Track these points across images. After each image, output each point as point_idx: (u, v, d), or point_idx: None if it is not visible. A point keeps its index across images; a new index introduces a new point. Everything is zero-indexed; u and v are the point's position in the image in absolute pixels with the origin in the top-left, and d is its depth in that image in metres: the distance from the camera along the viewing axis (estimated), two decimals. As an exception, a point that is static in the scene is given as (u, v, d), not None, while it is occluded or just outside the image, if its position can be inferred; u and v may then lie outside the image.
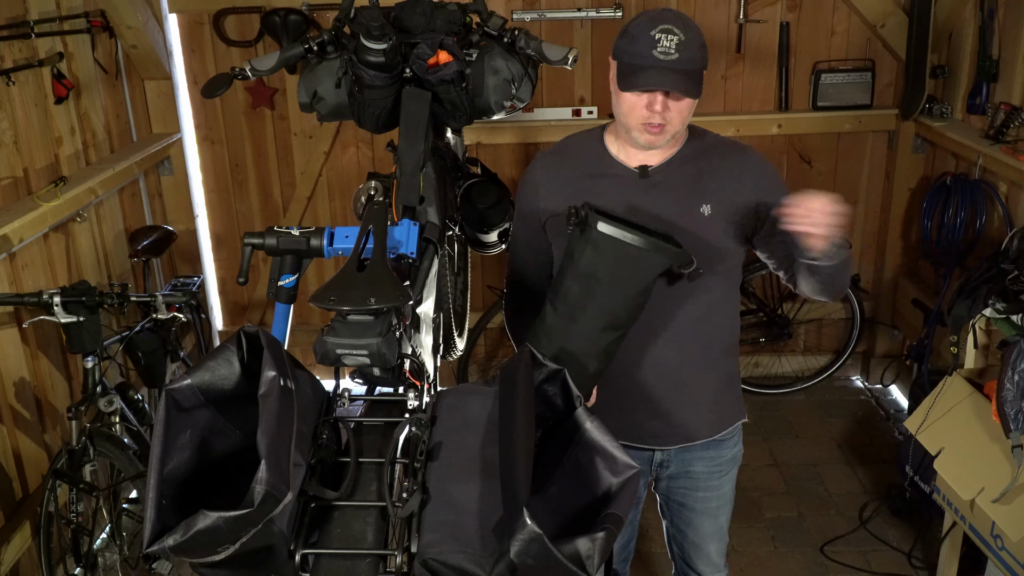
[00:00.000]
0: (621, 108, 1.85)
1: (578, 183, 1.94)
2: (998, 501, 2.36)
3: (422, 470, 1.39)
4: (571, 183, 1.95)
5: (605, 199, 1.90)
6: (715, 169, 1.91)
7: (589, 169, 1.95)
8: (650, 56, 1.75)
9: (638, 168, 1.91)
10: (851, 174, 4.09)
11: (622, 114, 1.85)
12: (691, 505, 2.12)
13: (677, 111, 1.81)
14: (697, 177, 1.90)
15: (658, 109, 1.78)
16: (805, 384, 4.26)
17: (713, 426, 2.04)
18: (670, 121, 1.81)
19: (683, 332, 1.94)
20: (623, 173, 1.92)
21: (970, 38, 3.48)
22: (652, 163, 1.91)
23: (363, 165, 4.05)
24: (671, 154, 1.92)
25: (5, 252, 2.70)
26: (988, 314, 2.55)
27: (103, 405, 2.71)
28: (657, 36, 1.75)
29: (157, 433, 1.23)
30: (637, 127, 1.83)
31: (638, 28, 1.78)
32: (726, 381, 2.06)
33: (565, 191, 1.95)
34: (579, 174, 1.96)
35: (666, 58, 1.74)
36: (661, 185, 1.90)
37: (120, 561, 2.72)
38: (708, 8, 3.84)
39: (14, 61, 2.87)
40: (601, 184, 1.93)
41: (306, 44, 2.14)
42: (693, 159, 1.92)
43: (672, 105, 1.79)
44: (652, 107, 1.79)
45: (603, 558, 1.20)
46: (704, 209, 1.88)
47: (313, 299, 1.50)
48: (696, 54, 1.78)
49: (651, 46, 1.75)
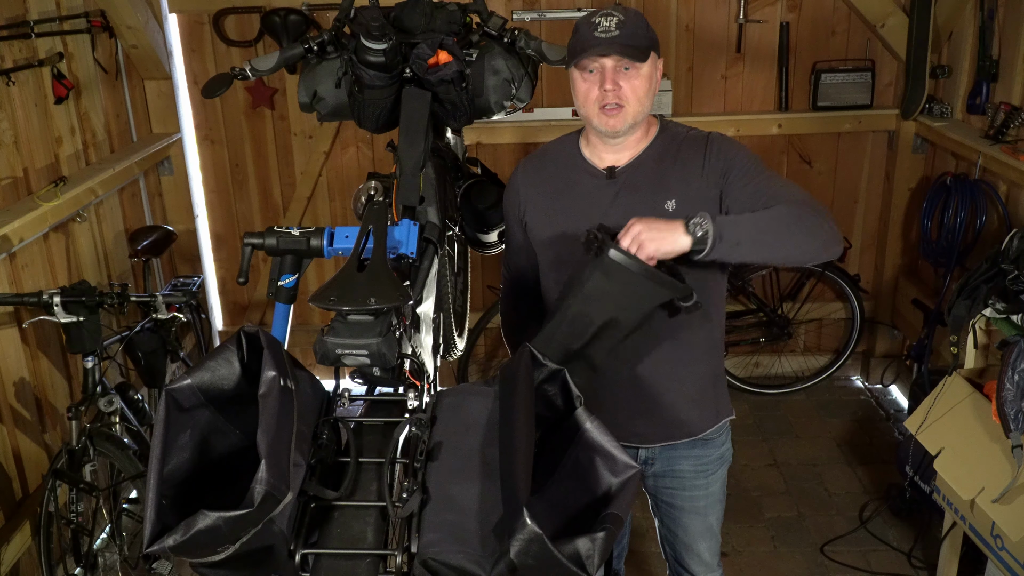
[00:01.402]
0: (578, 99, 1.89)
1: (555, 187, 1.98)
2: (998, 501, 2.36)
3: (422, 470, 1.39)
4: (549, 187, 1.99)
5: (577, 201, 1.94)
6: (678, 163, 1.91)
7: (564, 172, 1.99)
8: (591, 37, 1.81)
9: (606, 169, 1.94)
10: (851, 174, 4.09)
11: (580, 106, 1.89)
12: (679, 505, 2.12)
13: (631, 89, 1.83)
14: (662, 173, 1.91)
15: (608, 87, 1.81)
16: (805, 384, 4.26)
17: (696, 424, 2.03)
18: (626, 100, 1.83)
19: (663, 330, 1.90)
20: (594, 174, 1.95)
21: (970, 38, 3.48)
22: (621, 163, 1.93)
23: (363, 165, 4.05)
24: (639, 152, 1.93)
25: (5, 252, 2.70)
26: (988, 314, 2.55)
27: (103, 405, 2.71)
28: (596, 20, 1.82)
29: (157, 433, 1.23)
30: (595, 114, 1.86)
31: (581, 21, 1.86)
32: (710, 379, 2.04)
33: (544, 196, 1.99)
34: (555, 178, 1.99)
35: (606, 35, 1.80)
36: (628, 185, 1.92)
37: (120, 561, 2.73)
38: (708, 8, 3.85)
39: (14, 61, 2.87)
40: (574, 187, 1.96)
41: (306, 44, 2.14)
42: (659, 156, 1.93)
43: (624, 83, 1.82)
44: (603, 85, 1.82)
45: (603, 558, 1.20)
46: (668, 205, 1.88)
47: (313, 299, 1.50)
48: (638, 31, 1.82)
49: (592, 29, 1.82)
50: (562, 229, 1.96)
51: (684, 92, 3.96)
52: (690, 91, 3.97)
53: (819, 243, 1.74)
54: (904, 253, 4.09)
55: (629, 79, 1.83)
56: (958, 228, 3.42)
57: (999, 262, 2.49)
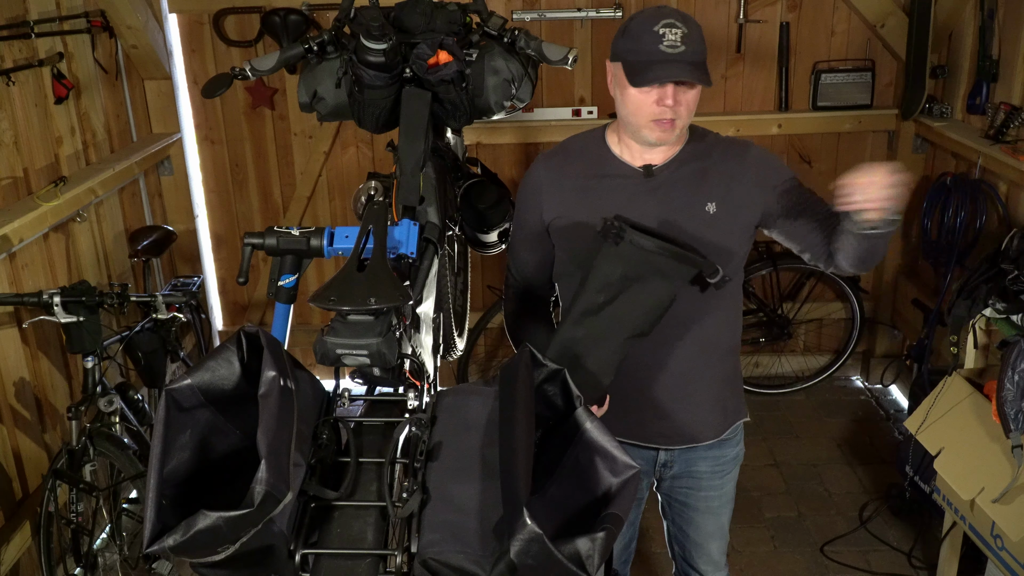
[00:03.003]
0: (627, 107, 1.84)
1: (582, 184, 1.94)
2: (998, 501, 2.36)
3: (422, 470, 1.39)
4: (574, 184, 1.95)
5: (610, 199, 1.90)
6: (718, 166, 1.91)
7: (592, 170, 1.95)
8: (657, 51, 1.75)
9: (642, 167, 1.91)
10: (851, 174, 4.09)
11: (629, 113, 1.85)
12: (694, 504, 2.12)
13: (686, 104, 1.81)
14: (701, 175, 1.90)
15: (669, 103, 1.78)
16: (805, 384, 4.26)
17: (718, 427, 2.05)
18: (680, 115, 1.82)
19: (688, 332, 1.94)
20: (628, 173, 1.92)
21: (970, 38, 3.48)
22: (656, 162, 1.91)
23: (363, 165, 4.05)
24: (674, 153, 1.92)
25: (5, 252, 2.70)
26: (988, 314, 2.55)
27: (103, 405, 2.71)
28: (661, 31, 1.75)
29: (157, 433, 1.23)
30: (647, 125, 1.83)
31: (640, 26, 1.78)
32: (730, 380, 2.06)
33: (568, 192, 1.95)
34: (582, 175, 1.96)
35: (674, 51, 1.75)
36: (666, 184, 1.90)
37: (120, 561, 2.72)
38: (708, 8, 3.84)
39: (14, 61, 2.87)
40: (605, 184, 1.92)
41: (306, 44, 2.14)
42: (696, 158, 1.92)
43: (681, 98, 1.80)
44: (663, 102, 1.79)
45: (603, 558, 1.20)
46: (709, 207, 1.88)
47: (313, 299, 1.50)
48: (700, 46, 1.79)
49: (657, 41, 1.75)
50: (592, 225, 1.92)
51: (684, 92, 3.95)
52: (690, 91, 3.96)
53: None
54: (904, 253, 4.09)
55: (685, 93, 1.80)
56: (958, 228, 3.42)
57: (999, 262, 2.50)
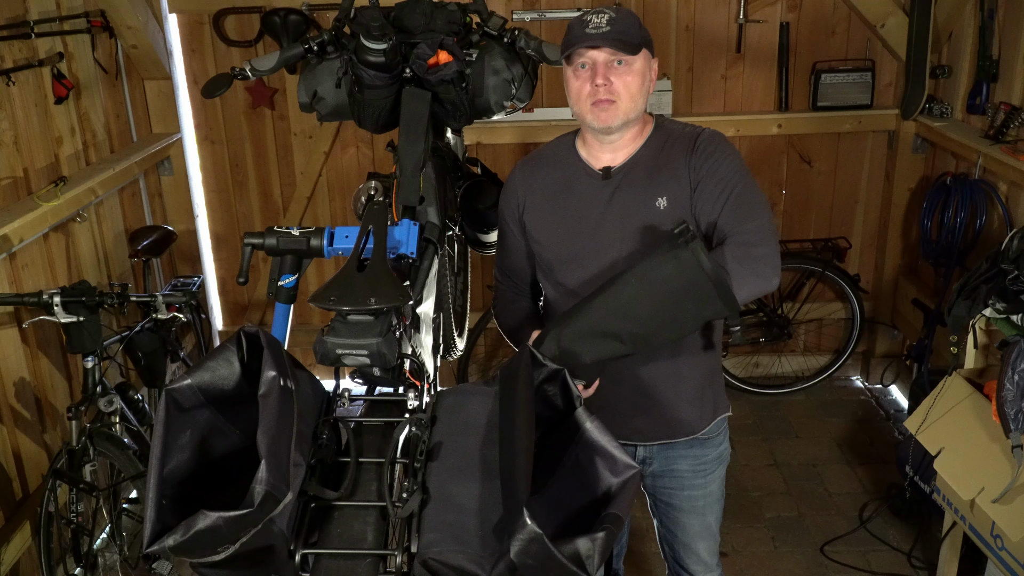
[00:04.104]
0: (571, 98, 1.90)
1: (552, 190, 1.99)
2: (998, 501, 2.35)
3: (422, 470, 1.39)
4: (545, 189, 2.00)
5: (574, 202, 1.94)
6: (669, 160, 1.91)
7: (561, 173, 1.99)
8: (583, 33, 1.82)
9: (601, 170, 1.94)
10: (851, 174, 4.09)
11: (573, 104, 1.90)
12: (678, 504, 2.12)
13: (623, 84, 1.84)
14: (654, 171, 1.91)
15: (600, 81, 1.82)
16: (805, 384, 4.26)
17: (695, 423, 2.04)
18: (618, 95, 1.84)
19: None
20: (590, 174, 1.96)
21: (970, 38, 3.48)
22: (616, 163, 1.94)
23: (363, 165, 4.05)
24: (634, 151, 1.94)
25: (5, 252, 2.70)
26: (988, 314, 2.55)
27: (103, 405, 2.71)
28: (588, 18, 1.84)
29: (157, 433, 1.23)
30: (589, 110, 1.86)
31: (574, 20, 1.88)
32: (708, 376, 2.05)
33: (540, 198, 2.00)
34: (552, 179, 2.00)
35: (597, 31, 1.81)
36: (622, 185, 1.93)
37: (120, 561, 2.72)
38: (708, 8, 3.85)
39: (14, 61, 2.87)
40: (570, 189, 1.97)
41: (306, 44, 2.14)
42: (653, 154, 1.94)
43: (616, 79, 1.83)
44: (594, 80, 1.83)
45: (603, 558, 1.20)
46: (659, 202, 1.89)
47: (313, 299, 1.50)
48: (630, 28, 1.83)
49: (583, 26, 1.84)
50: (561, 230, 1.96)
51: (684, 92, 3.96)
52: (690, 91, 3.97)
53: (742, 295, 1.77)
54: (904, 253, 4.09)
55: (621, 75, 1.83)
56: (958, 228, 3.42)
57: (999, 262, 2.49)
